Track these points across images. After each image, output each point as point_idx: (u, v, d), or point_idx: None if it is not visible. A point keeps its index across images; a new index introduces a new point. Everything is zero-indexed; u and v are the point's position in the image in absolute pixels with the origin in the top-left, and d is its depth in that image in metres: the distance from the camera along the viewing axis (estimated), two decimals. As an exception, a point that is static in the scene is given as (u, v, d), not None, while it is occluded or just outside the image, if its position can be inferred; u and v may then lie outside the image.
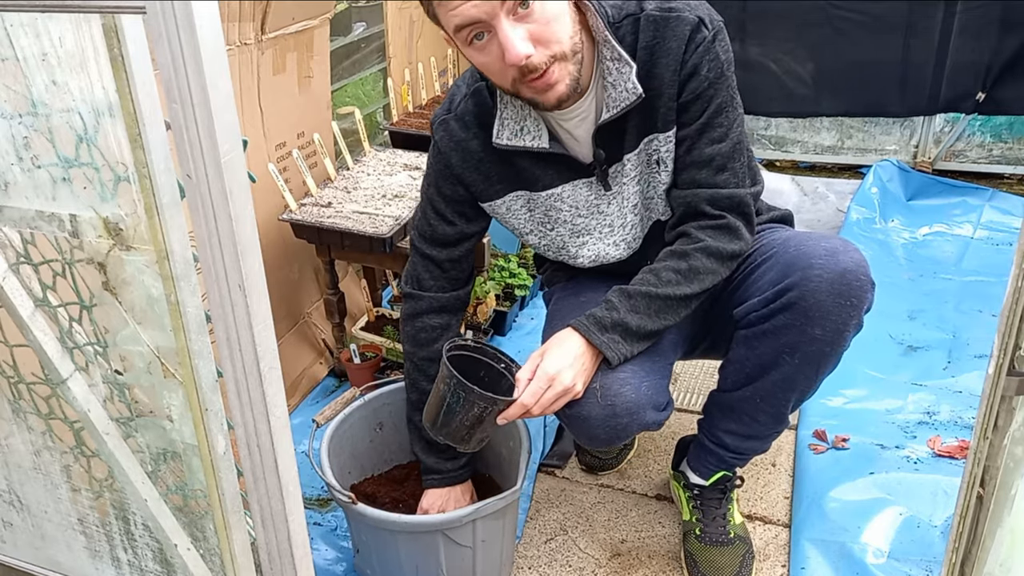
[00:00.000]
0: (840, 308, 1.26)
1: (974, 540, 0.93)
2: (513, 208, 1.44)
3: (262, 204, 1.94)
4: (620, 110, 1.27)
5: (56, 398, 1.09)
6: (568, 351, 1.27)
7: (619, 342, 1.28)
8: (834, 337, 1.28)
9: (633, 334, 1.29)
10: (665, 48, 1.26)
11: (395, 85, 2.56)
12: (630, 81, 1.25)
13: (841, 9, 3.05)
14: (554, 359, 1.27)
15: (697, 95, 1.27)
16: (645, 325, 1.30)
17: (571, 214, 1.42)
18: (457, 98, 1.40)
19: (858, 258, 1.27)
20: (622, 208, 1.40)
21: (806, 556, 1.55)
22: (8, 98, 0.89)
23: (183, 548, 1.11)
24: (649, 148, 1.34)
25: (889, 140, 3.30)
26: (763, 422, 1.43)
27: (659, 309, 1.30)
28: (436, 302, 1.48)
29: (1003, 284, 0.77)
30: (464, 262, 1.50)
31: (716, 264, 1.32)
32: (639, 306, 1.29)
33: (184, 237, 0.87)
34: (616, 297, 1.31)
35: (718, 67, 1.27)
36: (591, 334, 1.28)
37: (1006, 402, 0.84)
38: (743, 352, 1.37)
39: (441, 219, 1.44)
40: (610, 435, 1.32)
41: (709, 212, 1.32)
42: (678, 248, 1.33)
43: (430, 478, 1.52)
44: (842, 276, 1.25)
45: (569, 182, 1.38)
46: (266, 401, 0.86)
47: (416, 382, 1.51)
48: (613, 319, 1.29)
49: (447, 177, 1.42)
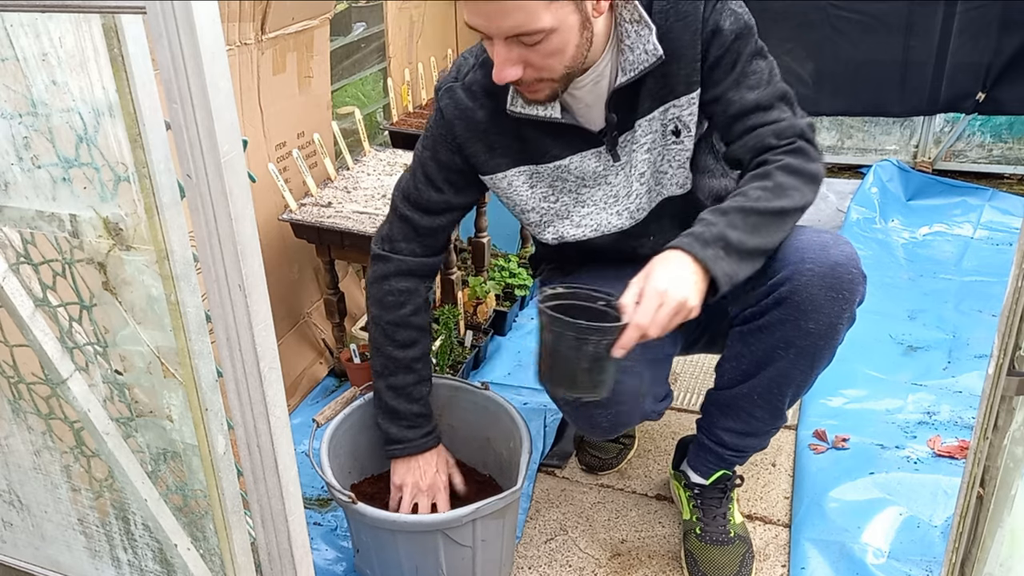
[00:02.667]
0: (832, 301, 1.26)
1: (974, 540, 0.93)
2: (515, 184, 1.42)
3: (262, 204, 1.94)
4: (637, 73, 1.26)
5: (56, 398, 1.09)
6: (674, 266, 1.19)
7: (722, 257, 1.20)
8: (827, 330, 1.29)
9: (735, 249, 1.21)
10: (681, 12, 1.25)
11: (395, 85, 2.56)
12: (650, 43, 1.24)
13: (841, 9, 3.05)
14: (661, 276, 1.17)
15: (726, 49, 1.27)
16: (745, 241, 1.22)
17: (576, 184, 1.41)
18: (465, 68, 1.38)
19: (849, 251, 1.28)
20: (629, 177, 1.39)
21: (806, 556, 1.55)
22: (8, 98, 0.89)
23: (183, 548, 1.11)
24: (666, 116, 1.33)
25: (889, 140, 3.30)
26: (761, 418, 1.43)
27: (756, 224, 1.23)
28: (404, 265, 1.45)
29: (1003, 284, 0.78)
30: (442, 232, 1.47)
31: (799, 181, 1.26)
32: (736, 221, 1.22)
33: (184, 237, 0.87)
34: (710, 215, 1.24)
35: (740, 20, 1.26)
36: (694, 248, 1.18)
37: (1006, 402, 0.84)
38: (738, 349, 1.38)
39: (430, 184, 1.42)
40: (612, 423, 1.33)
41: (778, 144, 1.29)
42: (759, 171, 1.28)
43: (393, 448, 1.50)
44: (833, 270, 1.25)
45: (577, 152, 1.37)
46: (266, 401, 0.86)
47: (381, 347, 1.48)
48: (713, 233, 1.20)
49: (447, 144, 1.40)
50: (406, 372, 1.48)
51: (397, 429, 1.50)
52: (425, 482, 1.51)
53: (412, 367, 1.49)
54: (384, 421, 1.51)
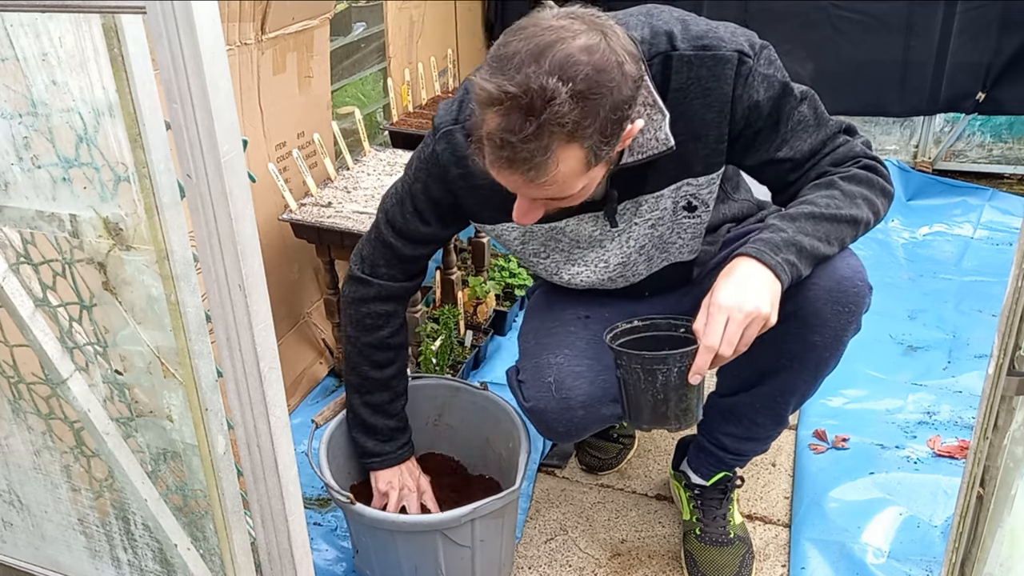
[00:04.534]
0: (838, 315, 1.25)
1: (974, 540, 0.93)
2: (504, 236, 1.38)
3: (262, 204, 1.94)
4: (644, 157, 1.20)
5: (56, 398, 1.09)
6: (739, 277, 1.14)
7: (793, 264, 1.15)
8: (833, 343, 1.27)
9: (807, 255, 1.17)
10: (704, 89, 1.18)
11: (395, 85, 2.56)
12: (661, 131, 1.17)
13: (841, 9, 3.04)
14: (723, 290, 1.13)
15: (767, 113, 1.21)
16: (817, 247, 1.18)
17: (570, 245, 1.36)
18: (468, 108, 1.26)
19: (854, 264, 1.26)
20: (624, 247, 1.34)
21: (806, 556, 1.55)
22: (8, 98, 0.89)
23: (183, 548, 1.11)
24: (679, 193, 1.28)
25: (889, 140, 3.29)
26: (762, 424, 1.43)
27: (828, 232, 1.18)
28: (384, 291, 1.42)
29: (1003, 284, 0.77)
30: (424, 259, 1.44)
31: (867, 191, 1.21)
32: (806, 227, 1.17)
33: (184, 237, 0.87)
34: (779, 220, 1.19)
35: (774, 85, 1.20)
36: (764, 255, 1.14)
37: (1006, 402, 0.84)
38: (741, 359, 1.36)
39: (417, 216, 1.36)
40: (568, 428, 1.32)
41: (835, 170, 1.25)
42: (822, 180, 1.23)
43: (371, 461, 1.50)
44: (839, 284, 1.23)
45: (574, 216, 1.31)
46: (266, 401, 0.86)
47: (358, 367, 1.46)
48: (784, 238, 1.16)
49: (441, 184, 1.32)
50: (383, 390, 1.48)
51: (374, 443, 1.50)
52: (411, 483, 1.51)
53: (389, 385, 1.48)
54: (360, 435, 1.50)
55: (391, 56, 2.62)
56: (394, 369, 1.47)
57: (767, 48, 1.21)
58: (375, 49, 2.87)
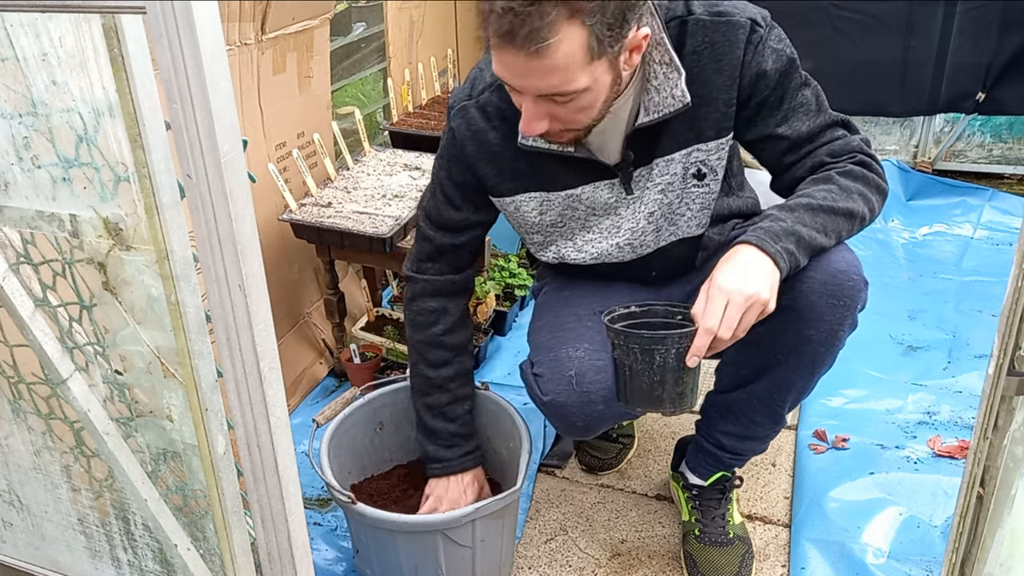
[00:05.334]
0: (833, 309, 1.25)
1: (974, 540, 0.94)
2: (523, 208, 1.39)
3: (262, 204, 1.94)
4: (660, 116, 1.23)
5: (56, 398, 1.09)
6: (739, 263, 1.15)
7: (792, 253, 1.17)
8: (828, 337, 1.28)
9: (806, 244, 1.18)
10: (717, 54, 1.22)
11: (395, 85, 2.56)
12: (678, 88, 1.21)
13: (841, 9, 3.04)
14: (723, 274, 1.14)
15: (772, 87, 1.25)
16: (816, 238, 1.19)
17: (585, 213, 1.38)
18: (480, 85, 1.33)
19: (850, 258, 1.26)
20: (636, 213, 1.36)
21: (806, 556, 1.55)
22: (8, 98, 0.89)
23: (183, 548, 1.11)
24: (689, 160, 1.30)
25: (889, 140, 3.30)
26: (760, 422, 1.43)
27: (825, 224, 1.20)
28: (431, 286, 1.45)
29: (1003, 284, 0.78)
30: (465, 249, 1.45)
31: (864, 188, 1.23)
32: (804, 218, 1.19)
33: (184, 237, 0.87)
34: (778, 211, 1.21)
35: (783, 58, 1.24)
36: (764, 243, 1.16)
37: (1006, 402, 0.84)
38: (738, 355, 1.37)
39: (449, 203, 1.40)
40: (587, 422, 1.32)
41: (832, 161, 1.27)
42: (818, 175, 1.26)
43: (432, 467, 1.50)
44: (834, 277, 1.24)
45: (591, 183, 1.34)
46: (266, 401, 0.86)
47: (415, 366, 1.48)
48: (783, 227, 1.18)
49: (459, 164, 1.37)
50: (440, 392, 1.47)
51: (434, 448, 1.49)
52: (449, 496, 1.49)
53: (446, 387, 1.47)
54: (422, 439, 1.50)
55: (391, 56, 2.62)
56: (451, 370, 1.47)
57: (778, 27, 1.26)
58: (375, 49, 2.87)
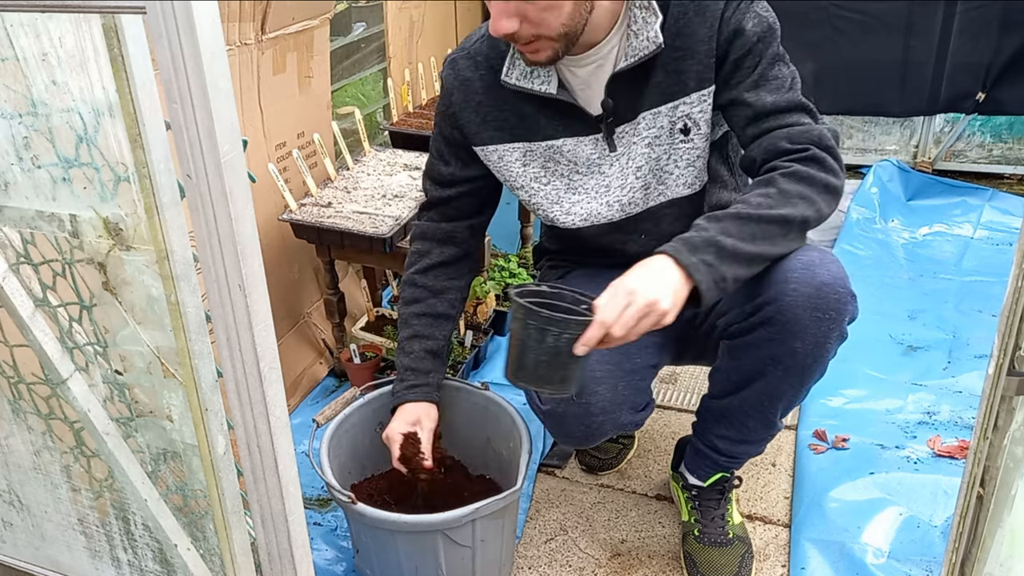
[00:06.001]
0: (818, 322, 1.23)
1: (974, 540, 0.94)
2: (506, 159, 1.42)
3: (262, 204, 1.94)
4: (638, 59, 1.26)
5: (56, 398, 1.09)
6: (652, 270, 1.15)
7: (711, 264, 1.15)
8: (815, 350, 1.26)
9: (728, 255, 1.16)
10: (702, 6, 1.25)
11: (395, 85, 2.56)
12: (652, 30, 1.24)
13: (841, 9, 3.04)
14: (635, 275, 1.15)
15: (747, 50, 1.25)
16: (740, 247, 1.17)
17: (568, 169, 1.39)
18: (474, 38, 1.41)
19: (835, 271, 1.25)
20: (624, 169, 1.37)
21: (806, 556, 1.55)
22: (8, 98, 0.89)
23: (183, 548, 1.11)
24: (676, 113, 1.31)
25: (889, 140, 3.30)
26: (753, 428, 1.42)
27: (754, 233, 1.18)
28: (419, 229, 1.53)
29: (1003, 284, 0.78)
30: (454, 203, 1.50)
31: (807, 189, 1.21)
32: (730, 228, 1.18)
33: (184, 237, 0.87)
34: (704, 220, 1.20)
35: (764, 23, 1.25)
36: (680, 254, 1.15)
37: (1006, 402, 0.84)
38: (728, 362, 1.36)
39: (439, 158, 1.48)
40: (585, 433, 1.32)
41: (790, 148, 1.25)
42: (763, 177, 1.25)
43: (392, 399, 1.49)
44: (818, 290, 1.22)
45: (573, 136, 1.36)
46: (266, 401, 0.86)
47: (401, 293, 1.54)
48: (704, 237, 1.16)
49: (447, 118, 1.43)
50: (404, 327, 1.52)
51: (395, 384, 1.52)
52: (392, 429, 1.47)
53: (409, 323, 1.51)
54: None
55: (391, 56, 2.62)
56: (419, 308, 1.51)
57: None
58: (375, 49, 2.87)
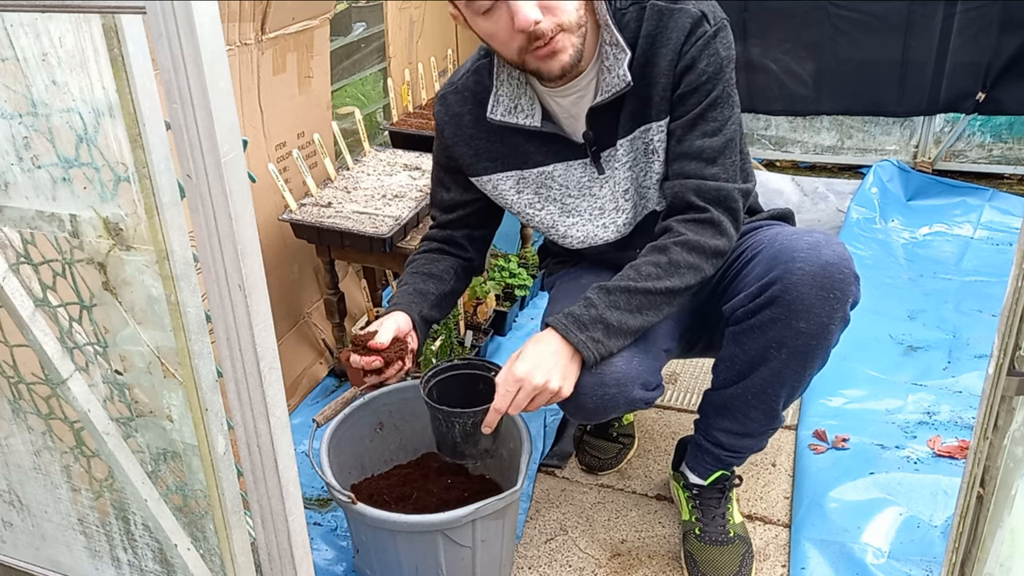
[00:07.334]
0: (823, 301, 1.26)
1: (974, 540, 0.93)
2: (501, 187, 1.47)
3: (262, 204, 1.94)
4: (611, 95, 1.31)
5: (56, 398, 1.09)
6: (542, 350, 1.27)
7: (599, 341, 1.27)
8: (819, 330, 1.29)
9: (615, 331, 1.28)
10: (665, 38, 1.29)
11: (395, 85, 2.56)
12: (622, 68, 1.29)
13: (841, 9, 3.04)
14: (525, 360, 1.26)
15: (694, 88, 1.30)
16: (626, 321, 1.28)
17: (561, 193, 1.45)
18: (460, 73, 1.46)
19: (841, 251, 1.28)
20: (614, 192, 1.43)
21: (806, 556, 1.55)
22: (8, 98, 0.89)
23: (183, 548, 1.11)
24: (645, 137, 1.37)
25: (889, 140, 3.30)
26: (756, 419, 1.43)
27: (640, 305, 1.29)
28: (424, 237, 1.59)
29: (1003, 284, 0.78)
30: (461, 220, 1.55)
31: (697, 259, 1.30)
32: (619, 302, 1.28)
33: (184, 237, 0.87)
34: (595, 294, 1.29)
35: (717, 62, 1.29)
36: (569, 332, 1.26)
37: (1006, 402, 0.84)
38: (733, 349, 1.38)
39: (440, 185, 1.54)
40: (598, 405, 1.33)
41: (695, 203, 1.32)
42: (659, 243, 1.33)
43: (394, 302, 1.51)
44: (824, 269, 1.26)
45: (562, 161, 1.42)
46: (266, 401, 0.86)
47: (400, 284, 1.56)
48: (592, 315, 1.27)
49: (444, 152, 1.49)
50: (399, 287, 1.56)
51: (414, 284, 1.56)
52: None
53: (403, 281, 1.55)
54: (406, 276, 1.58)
55: (391, 56, 2.62)
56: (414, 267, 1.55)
57: (728, 30, 1.30)
58: (375, 49, 2.87)
